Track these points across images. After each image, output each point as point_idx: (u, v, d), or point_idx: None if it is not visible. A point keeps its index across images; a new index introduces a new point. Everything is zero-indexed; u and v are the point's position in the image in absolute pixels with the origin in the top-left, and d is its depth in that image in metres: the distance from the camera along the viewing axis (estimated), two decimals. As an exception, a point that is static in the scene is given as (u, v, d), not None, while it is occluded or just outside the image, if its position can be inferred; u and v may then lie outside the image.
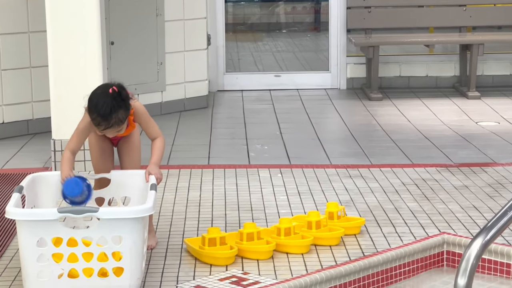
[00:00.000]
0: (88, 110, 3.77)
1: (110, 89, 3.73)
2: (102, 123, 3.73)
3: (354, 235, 4.16)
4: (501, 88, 8.20)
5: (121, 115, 3.74)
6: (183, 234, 4.20)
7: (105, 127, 3.74)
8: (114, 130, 3.79)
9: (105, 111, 3.70)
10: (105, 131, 3.80)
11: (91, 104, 3.74)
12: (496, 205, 4.59)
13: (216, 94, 8.13)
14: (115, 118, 3.73)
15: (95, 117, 3.73)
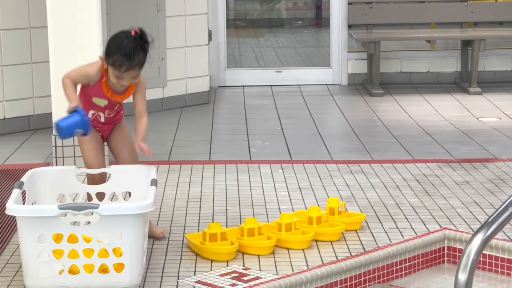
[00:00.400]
0: (109, 53, 3.75)
1: (132, 32, 3.74)
2: (125, 63, 3.71)
3: (355, 230, 4.16)
4: (502, 83, 8.19)
5: (142, 57, 3.74)
6: (184, 230, 4.21)
7: (127, 68, 3.72)
8: (133, 73, 3.76)
9: (129, 51, 3.70)
10: (125, 74, 3.75)
11: (114, 44, 3.74)
12: (497, 201, 4.59)
13: (217, 90, 8.12)
14: (137, 60, 3.72)
15: (118, 58, 3.71)
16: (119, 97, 3.94)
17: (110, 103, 3.96)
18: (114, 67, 3.76)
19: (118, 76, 3.79)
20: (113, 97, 3.92)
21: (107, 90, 3.90)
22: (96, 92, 3.91)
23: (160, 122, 6.80)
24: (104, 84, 3.87)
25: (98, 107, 3.97)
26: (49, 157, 5.65)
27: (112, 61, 3.75)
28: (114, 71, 3.77)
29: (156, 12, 7.11)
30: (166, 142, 6.12)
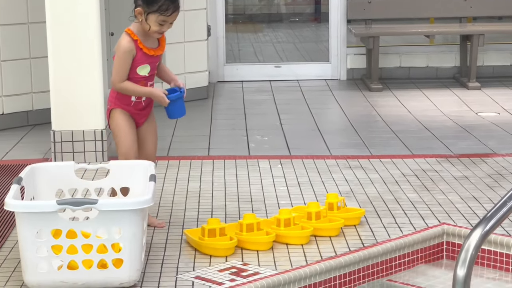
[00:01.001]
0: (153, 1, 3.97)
1: None
2: (171, 6, 3.98)
3: (354, 226, 4.16)
4: (501, 78, 8.19)
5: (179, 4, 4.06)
6: (183, 225, 4.21)
7: (173, 9, 3.99)
8: (176, 16, 4.02)
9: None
10: (170, 17, 3.99)
11: None
12: (496, 196, 4.59)
13: (216, 85, 8.12)
14: (178, 2, 4.04)
15: (164, 2, 3.97)
16: (158, 50, 4.09)
17: (152, 67, 4.09)
18: (160, 12, 3.99)
19: (163, 21, 4.00)
20: (153, 52, 4.06)
21: (147, 49, 4.05)
22: (139, 58, 4.05)
23: (159, 117, 6.76)
24: (141, 44, 4.04)
25: (143, 79, 4.08)
26: (48, 153, 5.65)
27: (158, 7, 3.98)
28: (159, 16, 3.99)
29: (155, 7, 7.09)
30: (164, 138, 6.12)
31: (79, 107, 5.38)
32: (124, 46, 4.02)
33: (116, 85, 4.06)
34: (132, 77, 4.07)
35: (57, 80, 5.37)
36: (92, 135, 5.39)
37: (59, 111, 5.40)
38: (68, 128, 5.39)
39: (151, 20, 4.01)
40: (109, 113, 4.16)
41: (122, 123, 4.12)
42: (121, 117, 4.12)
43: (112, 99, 4.15)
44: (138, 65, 4.06)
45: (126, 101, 4.11)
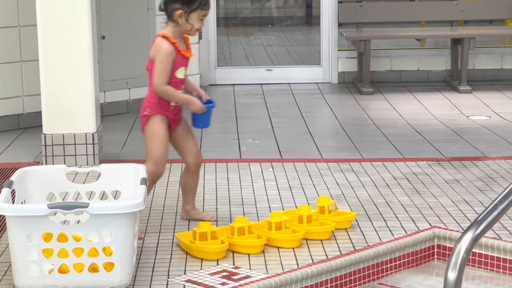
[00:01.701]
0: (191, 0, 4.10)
1: None
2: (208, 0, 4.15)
3: (345, 229, 4.16)
4: (492, 82, 8.21)
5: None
6: (174, 229, 4.20)
7: (209, 4, 4.17)
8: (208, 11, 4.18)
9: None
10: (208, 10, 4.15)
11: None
12: (486, 199, 4.60)
13: (207, 88, 8.12)
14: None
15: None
16: (188, 53, 4.18)
17: (186, 70, 4.19)
18: (201, 8, 4.12)
19: (204, 16, 4.14)
20: (186, 54, 4.15)
21: (183, 51, 4.14)
22: (178, 61, 4.14)
23: (150, 121, 6.78)
24: (179, 47, 4.13)
25: (181, 83, 4.17)
26: (39, 156, 5.64)
27: (198, 3, 4.11)
28: (201, 12, 4.12)
29: (146, 10, 7.10)
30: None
31: (70, 111, 5.37)
32: (166, 49, 4.09)
33: (159, 87, 4.10)
34: (171, 81, 4.11)
35: (48, 84, 5.36)
36: (83, 139, 5.38)
37: (50, 114, 5.39)
38: (59, 132, 5.38)
39: (193, 19, 4.12)
40: (147, 119, 4.18)
41: (159, 131, 4.16)
42: (159, 124, 4.15)
43: (152, 105, 4.17)
44: (177, 68, 4.13)
45: (166, 107, 4.16)
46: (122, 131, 6.39)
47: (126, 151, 5.85)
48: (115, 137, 6.18)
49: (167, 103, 4.16)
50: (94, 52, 5.40)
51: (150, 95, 4.18)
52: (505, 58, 8.40)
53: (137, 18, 7.06)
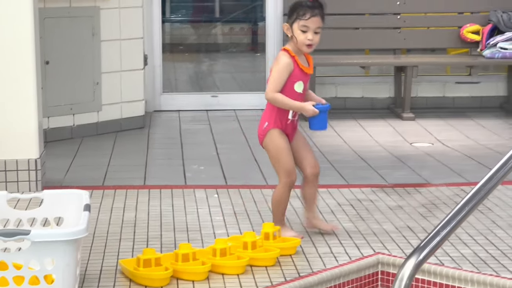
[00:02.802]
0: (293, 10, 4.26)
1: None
2: (308, 10, 4.23)
3: (289, 255, 4.17)
4: (434, 109, 8.32)
5: (321, 10, 4.28)
6: (118, 255, 4.16)
7: (310, 14, 4.22)
8: (316, 22, 4.24)
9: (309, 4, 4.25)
10: (310, 21, 4.21)
11: (296, 4, 4.27)
12: (429, 225, 4.64)
13: (152, 114, 8.09)
14: (318, 9, 4.25)
15: (301, 8, 4.23)
16: (309, 69, 4.35)
17: (304, 86, 4.33)
18: (299, 18, 4.23)
19: (304, 26, 4.23)
20: (305, 69, 4.32)
21: (302, 66, 4.31)
22: (296, 74, 4.31)
23: (94, 147, 6.74)
24: (298, 61, 4.30)
25: (299, 97, 4.32)
26: (-20, 182, 5.55)
27: (297, 13, 4.24)
28: (299, 22, 4.23)
29: (91, 36, 7.06)
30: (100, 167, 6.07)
31: (13, 136, 5.30)
32: (284, 60, 4.28)
33: (269, 94, 4.32)
34: (290, 95, 4.29)
35: (-9, 108, 5.29)
36: (26, 165, 5.32)
37: (-8, 140, 5.31)
38: (1, 157, 5.31)
39: (295, 31, 4.26)
40: (266, 133, 4.35)
41: (283, 143, 4.34)
42: (280, 137, 4.35)
43: (271, 119, 4.35)
44: (295, 81, 4.30)
45: (284, 120, 4.34)
46: (66, 157, 6.34)
47: (70, 178, 5.80)
48: (59, 163, 6.12)
49: (285, 116, 4.32)
50: (38, 77, 5.36)
51: (268, 107, 4.37)
52: (447, 86, 8.53)
53: (82, 44, 7.02)
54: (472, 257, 4.14)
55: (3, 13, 5.20)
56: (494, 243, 4.36)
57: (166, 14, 10.97)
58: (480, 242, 4.38)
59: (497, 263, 4.07)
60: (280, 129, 4.36)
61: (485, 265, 4.03)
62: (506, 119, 7.89)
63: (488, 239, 4.43)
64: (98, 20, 7.07)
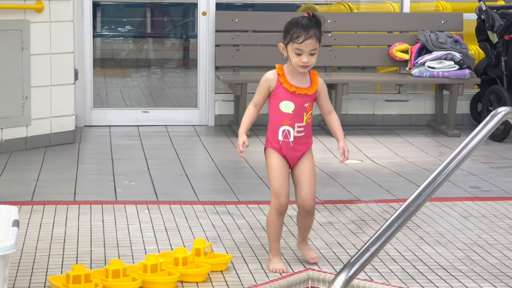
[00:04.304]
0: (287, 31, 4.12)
1: (306, 14, 4.15)
2: (302, 33, 4.07)
3: (221, 271, 4.17)
4: (364, 127, 8.43)
5: (317, 32, 4.11)
6: (47, 272, 4.12)
7: (304, 37, 4.06)
8: (311, 45, 4.08)
9: (304, 23, 4.10)
10: (303, 45, 4.06)
11: (291, 24, 4.13)
12: (359, 241, 4.70)
13: (83, 130, 8.03)
14: (313, 31, 4.08)
15: (295, 30, 4.08)
16: (304, 89, 4.16)
17: (297, 106, 4.16)
18: (293, 40, 4.08)
19: (297, 49, 4.08)
20: (298, 90, 4.15)
21: (289, 85, 4.15)
22: (280, 93, 4.16)
23: (23, 161, 6.66)
24: (283, 78, 4.16)
25: (287, 118, 4.16)
26: None
27: (291, 36, 4.10)
28: (293, 45, 4.09)
29: (21, 49, 6.99)
30: (29, 182, 5.99)
31: None
32: (264, 75, 4.21)
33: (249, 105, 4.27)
34: (276, 113, 4.18)
35: None
36: (-47, 179, 5.23)
37: None
38: None
39: (289, 52, 4.14)
40: (265, 150, 4.25)
41: (272, 163, 4.20)
42: (272, 157, 4.20)
43: (267, 137, 4.24)
44: (280, 100, 4.17)
45: (275, 140, 4.20)
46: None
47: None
48: (-14, 178, 6.03)
49: (275, 136, 4.19)
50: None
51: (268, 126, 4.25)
52: (376, 104, 8.65)
53: (11, 57, 6.93)
54: (401, 273, 4.20)
55: None
56: (421, 259, 4.43)
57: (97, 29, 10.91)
58: (408, 258, 4.44)
59: (424, 279, 4.13)
60: (275, 149, 4.21)
61: (413, 281, 4.10)
62: (434, 137, 8.03)
63: (416, 255, 4.50)
64: (28, 34, 6.99)
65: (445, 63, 8.07)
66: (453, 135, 8.05)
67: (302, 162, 4.25)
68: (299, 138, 4.22)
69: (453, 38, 8.32)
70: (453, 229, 5.00)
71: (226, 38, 8.31)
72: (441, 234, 4.87)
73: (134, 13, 12.10)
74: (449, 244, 4.70)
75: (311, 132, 4.31)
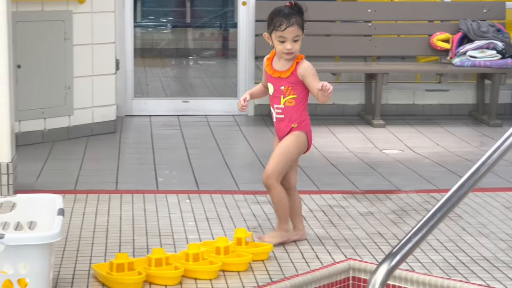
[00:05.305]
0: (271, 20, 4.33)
1: (288, 3, 4.35)
2: (284, 21, 4.27)
3: (262, 260, 4.19)
4: (404, 116, 8.39)
5: (299, 19, 4.30)
6: (91, 260, 4.17)
7: (286, 25, 4.26)
8: (293, 31, 4.27)
9: (286, 11, 4.30)
10: (286, 32, 4.26)
11: (274, 13, 4.33)
12: (400, 232, 4.69)
13: (124, 119, 8.09)
14: (295, 19, 4.27)
15: (278, 19, 4.28)
16: (278, 72, 4.36)
17: (275, 88, 4.38)
18: (276, 29, 4.29)
19: (281, 37, 4.29)
20: (274, 73, 4.38)
21: (270, 68, 4.41)
22: (267, 75, 4.45)
23: (66, 151, 6.73)
24: (268, 61, 4.43)
25: (270, 99, 4.44)
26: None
27: (273, 24, 4.30)
28: (276, 33, 4.30)
29: (63, 40, 7.05)
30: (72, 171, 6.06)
31: (-16, 140, 5.29)
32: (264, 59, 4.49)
33: None
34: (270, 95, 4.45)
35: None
36: (-2, 168, 5.30)
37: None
38: (-28, 161, 5.29)
39: (274, 40, 4.34)
40: None
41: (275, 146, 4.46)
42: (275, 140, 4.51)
43: None
44: (267, 82, 4.46)
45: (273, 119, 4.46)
46: (37, 161, 6.32)
47: (42, 182, 5.79)
48: (30, 167, 6.10)
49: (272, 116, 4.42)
50: (11, 81, 5.34)
51: None
52: (416, 94, 8.61)
53: (54, 48, 7.01)
54: (442, 263, 4.19)
55: (-24, 17, 5.18)
56: (463, 250, 4.42)
57: (138, 19, 10.97)
58: (450, 248, 4.43)
59: (466, 269, 4.12)
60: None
61: (455, 271, 4.09)
62: (475, 127, 7.98)
63: (458, 245, 4.49)
64: (70, 24, 7.06)
65: (487, 52, 8.01)
66: (495, 125, 7.99)
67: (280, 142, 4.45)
68: (280, 120, 4.43)
69: (495, 27, 8.25)
70: (496, 219, 4.97)
71: (266, 28, 8.29)
72: (483, 225, 4.85)
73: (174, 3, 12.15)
74: (492, 235, 4.68)
75: (296, 117, 4.41)
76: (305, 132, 4.42)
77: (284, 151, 4.40)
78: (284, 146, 4.40)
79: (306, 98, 4.44)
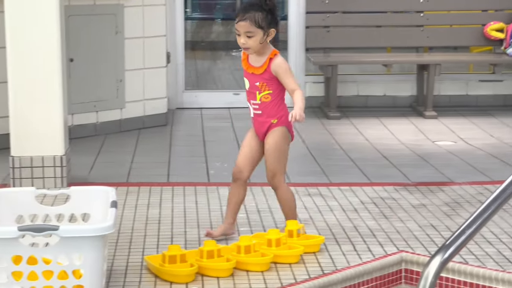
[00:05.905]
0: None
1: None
2: (239, 15, 4.17)
3: (313, 253, 4.19)
4: (457, 108, 8.31)
5: (259, 17, 4.16)
6: (143, 252, 4.20)
7: (239, 18, 4.16)
8: (245, 27, 4.14)
9: (247, 5, 4.18)
10: (238, 25, 4.16)
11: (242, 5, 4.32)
12: (453, 224, 4.65)
13: (175, 112, 8.13)
14: (251, 14, 4.14)
15: (238, 11, 4.19)
16: (252, 68, 4.27)
17: (250, 84, 4.31)
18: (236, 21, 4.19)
19: (236, 30, 4.19)
20: (248, 69, 4.28)
21: (245, 63, 4.31)
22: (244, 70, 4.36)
23: (118, 143, 6.79)
24: (244, 55, 4.31)
25: (248, 93, 4.36)
26: (6, 178, 5.60)
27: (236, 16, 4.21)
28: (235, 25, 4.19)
29: (115, 33, 7.11)
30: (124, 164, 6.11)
31: (38, 133, 5.35)
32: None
33: None
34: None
35: (16, 106, 5.34)
36: (52, 161, 5.36)
37: (18, 136, 5.37)
38: (27, 154, 5.36)
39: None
40: None
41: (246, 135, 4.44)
42: (249, 131, 4.44)
43: None
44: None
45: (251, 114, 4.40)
46: (90, 154, 6.39)
47: (94, 174, 5.84)
48: (83, 160, 6.17)
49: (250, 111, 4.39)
50: (64, 75, 5.40)
51: None
52: (470, 85, 8.51)
53: (105, 41, 7.07)
54: (496, 256, 4.15)
55: (30, 11, 5.24)
56: (518, 242, 4.36)
57: (188, 12, 11.01)
58: (504, 240, 4.38)
59: (521, 262, 4.07)
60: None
61: (509, 264, 4.04)
62: (529, 118, 7.87)
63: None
64: (121, 18, 7.11)
65: (541, 42, 7.89)
66: (549, 115, 7.88)
67: (266, 141, 4.38)
68: (258, 116, 4.38)
69: (549, 16, 8.13)
70: (550, 211, 4.90)
71: (317, 20, 8.29)
72: (537, 217, 4.79)
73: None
74: (546, 227, 4.62)
75: (274, 113, 4.36)
76: (285, 125, 4.38)
77: (275, 148, 4.36)
78: (272, 144, 4.36)
79: (283, 92, 4.35)
